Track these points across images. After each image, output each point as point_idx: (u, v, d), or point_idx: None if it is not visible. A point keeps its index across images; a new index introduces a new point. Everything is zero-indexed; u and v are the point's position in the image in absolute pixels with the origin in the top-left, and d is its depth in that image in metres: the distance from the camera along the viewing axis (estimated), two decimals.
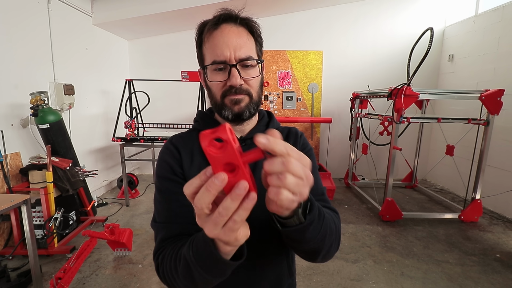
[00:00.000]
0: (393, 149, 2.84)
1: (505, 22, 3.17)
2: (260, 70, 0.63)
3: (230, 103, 0.61)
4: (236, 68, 0.58)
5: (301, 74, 4.32)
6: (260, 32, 0.64)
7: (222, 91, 0.60)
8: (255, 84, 0.62)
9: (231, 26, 0.59)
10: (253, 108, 0.63)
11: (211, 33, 0.59)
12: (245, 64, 0.59)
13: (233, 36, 0.58)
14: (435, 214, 3.08)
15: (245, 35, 0.60)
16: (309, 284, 1.99)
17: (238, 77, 0.58)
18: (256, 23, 0.63)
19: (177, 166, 0.63)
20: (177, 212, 0.60)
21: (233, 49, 0.57)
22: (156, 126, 3.93)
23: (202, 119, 0.71)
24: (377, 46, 4.26)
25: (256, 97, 0.63)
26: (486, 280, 2.03)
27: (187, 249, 0.47)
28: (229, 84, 0.58)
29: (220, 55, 0.57)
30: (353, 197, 3.72)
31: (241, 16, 0.61)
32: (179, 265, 0.49)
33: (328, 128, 4.25)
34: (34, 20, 2.65)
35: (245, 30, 0.60)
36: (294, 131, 0.73)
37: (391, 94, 2.77)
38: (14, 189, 2.26)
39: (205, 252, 0.42)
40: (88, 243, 2.03)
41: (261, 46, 0.65)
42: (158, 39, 4.34)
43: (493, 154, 3.08)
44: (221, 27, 0.58)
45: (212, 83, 0.61)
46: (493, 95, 2.67)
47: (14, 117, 2.44)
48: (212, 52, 0.58)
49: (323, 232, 0.49)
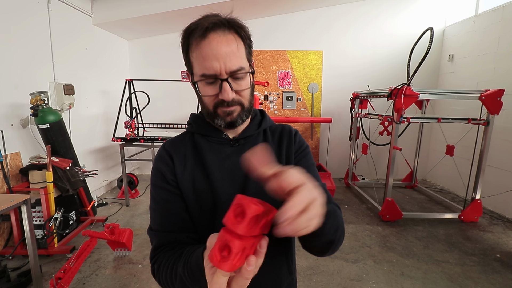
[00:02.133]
0: (393, 149, 2.84)
1: (505, 22, 3.17)
2: (251, 79, 0.61)
3: (223, 114, 0.60)
4: (228, 81, 0.56)
5: (301, 74, 4.32)
6: (249, 34, 0.61)
7: (214, 103, 0.59)
8: (246, 94, 0.61)
9: (219, 36, 0.55)
10: (245, 115, 0.63)
11: (198, 42, 0.56)
12: (236, 76, 0.57)
13: (222, 47, 0.54)
14: (435, 214, 3.08)
15: (234, 43, 0.56)
16: (309, 284, 1.99)
17: (229, 91, 0.56)
18: (243, 25, 0.60)
19: (169, 173, 0.63)
20: (170, 220, 0.62)
21: (223, 61, 0.54)
22: (156, 126, 3.93)
23: (195, 122, 0.69)
24: (377, 46, 4.26)
25: (248, 105, 0.62)
26: (486, 280, 2.03)
27: (182, 269, 0.49)
28: (221, 98, 0.57)
29: (210, 68, 0.55)
30: (353, 197, 3.72)
31: (228, 19, 0.58)
32: (175, 281, 0.52)
33: (328, 128, 4.25)
34: (34, 20, 2.65)
35: (234, 36, 0.57)
36: (288, 129, 0.72)
37: (391, 94, 2.77)
38: (14, 189, 2.26)
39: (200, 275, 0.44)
40: (88, 243, 2.03)
41: (250, 48, 0.62)
42: (158, 39, 4.34)
43: (493, 154, 3.08)
44: (209, 37, 0.55)
45: (204, 96, 0.60)
46: (493, 95, 2.67)
47: (14, 117, 2.44)
48: (201, 65, 0.56)
49: (336, 223, 0.53)
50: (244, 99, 0.61)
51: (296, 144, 0.69)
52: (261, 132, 0.70)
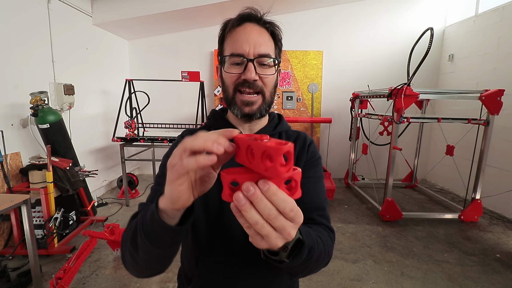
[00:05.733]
0: (393, 149, 2.84)
1: (505, 22, 3.17)
2: (276, 72, 0.64)
3: (241, 103, 0.61)
4: (253, 63, 0.58)
5: (301, 74, 4.32)
6: (281, 37, 0.65)
7: (235, 84, 0.61)
8: (269, 83, 0.62)
9: (254, 25, 0.60)
10: (265, 110, 0.64)
11: (234, 29, 0.60)
12: (262, 62, 0.60)
13: (254, 34, 0.59)
14: (435, 214, 3.08)
15: (266, 36, 0.61)
16: (309, 284, 1.99)
17: (253, 71, 0.58)
18: (279, 28, 0.64)
19: None
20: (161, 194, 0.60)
21: (253, 45, 0.58)
22: (156, 126, 3.93)
23: (213, 117, 0.72)
24: (377, 46, 4.26)
25: (269, 97, 0.64)
26: (486, 280, 2.03)
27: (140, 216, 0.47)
28: (244, 77, 0.59)
29: (239, 48, 0.58)
30: (353, 197, 3.72)
31: (265, 18, 0.62)
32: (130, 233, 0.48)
33: (328, 128, 4.25)
34: (34, 20, 2.65)
35: (267, 32, 0.62)
36: (303, 137, 0.71)
37: (391, 94, 2.77)
38: (14, 189, 2.26)
39: (149, 213, 0.43)
40: (88, 243, 2.03)
41: (280, 50, 0.66)
42: (158, 39, 4.34)
43: (493, 154, 3.08)
44: (244, 25, 0.60)
45: (227, 75, 0.62)
46: (493, 95, 2.67)
47: (14, 117, 2.44)
48: (232, 46, 0.60)
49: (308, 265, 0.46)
50: (266, 89, 0.62)
51: (309, 153, 0.69)
52: (276, 135, 0.70)
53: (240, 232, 0.62)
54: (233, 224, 0.62)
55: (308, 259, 0.44)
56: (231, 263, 0.63)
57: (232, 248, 0.63)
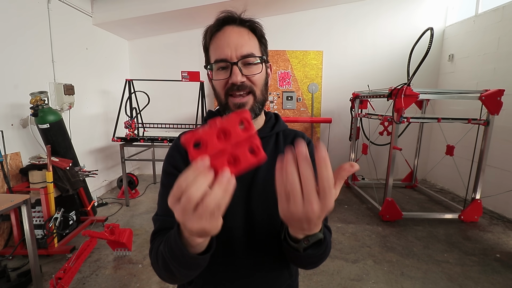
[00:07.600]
0: (393, 149, 2.84)
1: (505, 22, 3.17)
2: (265, 68, 0.63)
3: (234, 106, 0.61)
4: (237, 65, 0.58)
5: (301, 74, 4.32)
6: (263, 33, 0.64)
7: (225, 90, 0.61)
8: (258, 82, 0.62)
9: (233, 27, 0.60)
10: (258, 108, 0.63)
11: (214, 35, 0.61)
12: (247, 62, 0.60)
13: (234, 36, 0.59)
14: (435, 214, 3.08)
15: (246, 34, 0.61)
16: (309, 284, 1.99)
17: (239, 74, 0.58)
18: (258, 23, 0.63)
19: (181, 163, 0.64)
20: None
21: (234, 47, 0.58)
22: (156, 126, 3.93)
23: (210, 118, 0.72)
24: (377, 46, 4.26)
25: (260, 95, 0.63)
26: (486, 280, 2.03)
27: (164, 246, 0.49)
28: (230, 82, 0.59)
29: (221, 53, 0.58)
30: (353, 197, 3.72)
31: (243, 17, 0.61)
32: (160, 260, 0.51)
33: (328, 128, 4.25)
34: (34, 20, 2.65)
35: (247, 31, 0.61)
36: (301, 136, 0.71)
37: (391, 94, 2.77)
38: (14, 189, 2.26)
39: (176, 249, 0.44)
40: (88, 243, 2.03)
41: (265, 46, 0.65)
42: (158, 39, 4.34)
43: (493, 154, 3.08)
44: (223, 29, 0.60)
45: (216, 82, 0.62)
46: (493, 95, 2.67)
47: (14, 117, 2.44)
48: (215, 52, 0.60)
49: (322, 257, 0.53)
50: (256, 87, 0.62)
51: None
52: (273, 135, 0.70)
53: (240, 233, 0.62)
54: (233, 225, 0.62)
55: (323, 252, 0.50)
56: (231, 263, 0.64)
57: (232, 249, 0.63)
